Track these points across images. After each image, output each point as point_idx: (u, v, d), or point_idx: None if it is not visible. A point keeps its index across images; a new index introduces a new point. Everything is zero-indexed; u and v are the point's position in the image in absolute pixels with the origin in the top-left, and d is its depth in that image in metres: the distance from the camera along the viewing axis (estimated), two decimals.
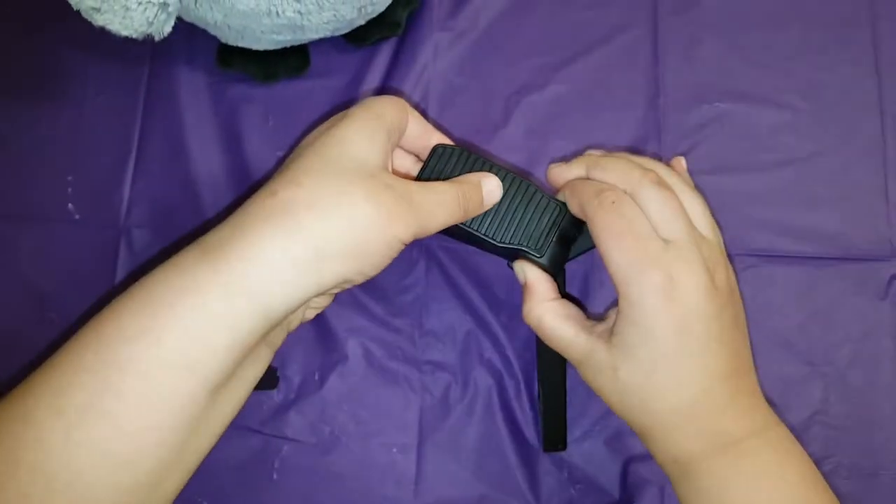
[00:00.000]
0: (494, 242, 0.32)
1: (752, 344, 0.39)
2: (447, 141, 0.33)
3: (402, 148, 0.33)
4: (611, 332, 0.29)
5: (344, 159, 0.26)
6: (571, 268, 0.35)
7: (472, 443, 0.38)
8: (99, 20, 0.30)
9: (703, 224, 0.30)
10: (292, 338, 0.40)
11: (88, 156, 0.43)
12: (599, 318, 0.33)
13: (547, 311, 0.31)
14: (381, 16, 0.41)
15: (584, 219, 0.31)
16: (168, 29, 0.32)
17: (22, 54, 0.44)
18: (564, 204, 0.32)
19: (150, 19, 0.31)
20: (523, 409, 0.39)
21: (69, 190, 0.43)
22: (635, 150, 0.41)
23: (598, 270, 0.40)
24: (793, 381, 0.39)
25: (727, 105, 0.42)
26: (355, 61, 0.43)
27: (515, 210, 0.32)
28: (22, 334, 0.41)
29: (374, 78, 0.43)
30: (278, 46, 0.41)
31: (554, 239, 0.32)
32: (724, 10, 0.43)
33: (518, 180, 0.32)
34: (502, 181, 0.32)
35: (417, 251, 0.40)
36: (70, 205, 0.42)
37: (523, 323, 0.33)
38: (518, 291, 0.39)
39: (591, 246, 0.32)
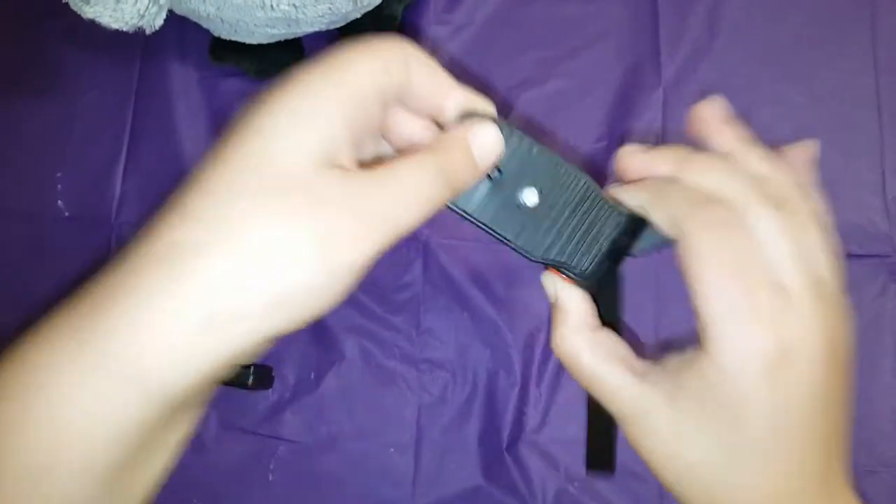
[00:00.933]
0: (528, 257, 0.25)
1: None
2: (470, 97, 0.24)
3: (409, 110, 0.23)
4: (675, 388, 0.22)
5: (262, 166, 0.18)
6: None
7: (470, 441, 0.38)
8: (88, 12, 0.30)
9: (825, 265, 0.23)
10: (287, 337, 0.40)
11: (78, 152, 0.42)
12: (659, 352, 0.24)
13: (585, 345, 0.24)
14: (377, 9, 0.41)
15: (671, 234, 0.23)
16: (159, 22, 0.32)
17: (10, 49, 0.43)
18: (631, 215, 0.25)
19: (142, 12, 0.30)
20: (521, 407, 0.38)
21: (59, 186, 0.42)
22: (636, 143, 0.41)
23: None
24: None
25: (725, 99, 0.42)
26: None
27: (566, 219, 0.24)
28: (9, 333, 0.40)
29: None
30: (272, 40, 0.40)
31: (603, 253, 0.25)
32: (724, 4, 0.43)
33: (575, 179, 0.24)
34: (561, 179, 0.24)
35: (415, 249, 0.40)
36: (60, 201, 0.42)
37: (520, 320, 0.33)
38: (517, 288, 0.39)
39: (660, 244, 0.25)
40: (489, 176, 0.24)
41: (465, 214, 0.24)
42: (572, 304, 0.25)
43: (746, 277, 0.21)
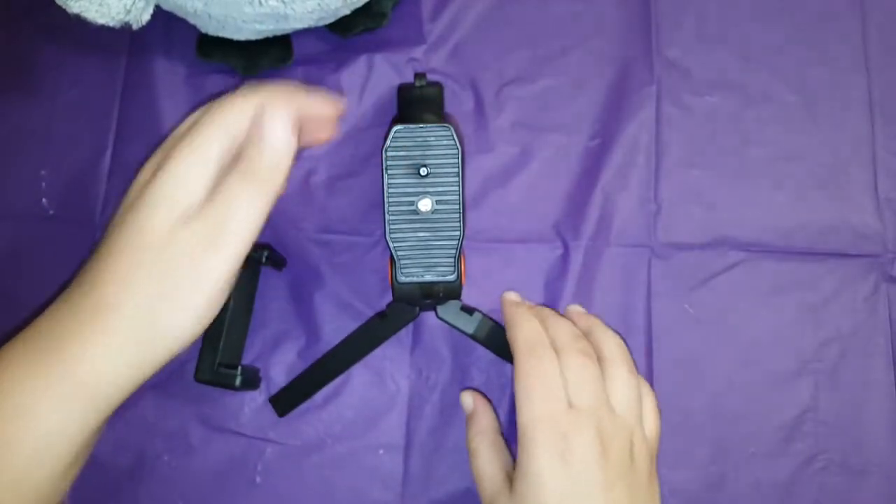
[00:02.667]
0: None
1: (744, 341, 0.39)
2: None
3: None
4: (513, 483, 0.31)
5: (143, 243, 0.26)
6: None
7: (461, 443, 0.38)
8: (74, 7, 0.30)
9: (622, 402, 0.32)
10: (275, 338, 0.40)
11: (63, 150, 0.42)
12: None
13: (484, 442, 0.34)
14: (367, 6, 0.41)
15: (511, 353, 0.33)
16: (146, 17, 0.32)
17: None
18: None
19: (128, 7, 0.30)
20: (511, 409, 0.38)
21: (43, 185, 0.42)
22: (627, 142, 0.41)
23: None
24: (783, 378, 0.39)
25: (717, 98, 0.42)
26: (340, 52, 0.42)
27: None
28: None
29: (358, 69, 0.42)
30: (260, 37, 0.40)
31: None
32: (716, 3, 0.43)
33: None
34: None
35: None
36: (44, 200, 0.41)
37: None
38: (511, 289, 0.40)
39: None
40: None
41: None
42: (482, 413, 0.36)
43: (547, 393, 0.31)
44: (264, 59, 0.42)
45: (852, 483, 0.38)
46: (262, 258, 0.37)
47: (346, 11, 0.40)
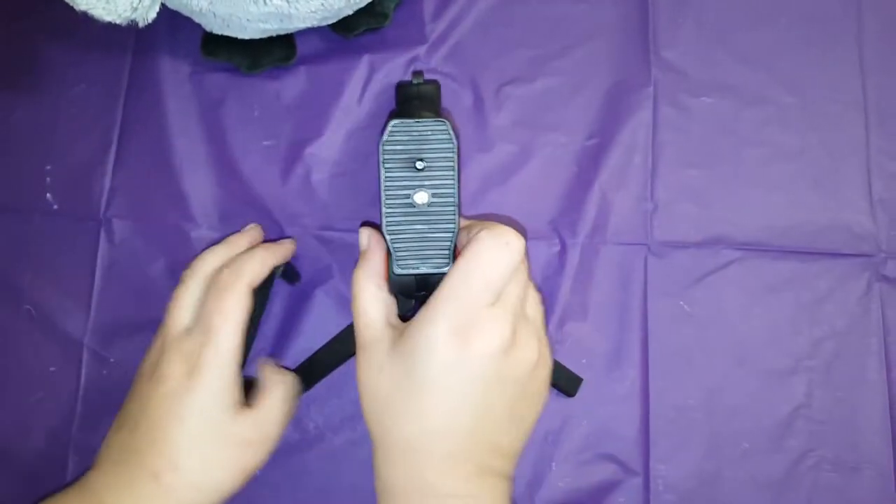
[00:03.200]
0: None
1: (739, 339, 0.40)
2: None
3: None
4: (399, 334, 0.30)
5: (201, 405, 0.32)
6: None
7: None
8: (81, 4, 0.30)
9: (536, 317, 0.32)
10: (278, 332, 0.40)
11: (68, 145, 0.43)
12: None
13: (371, 284, 0.32)
14: (369, 6, 0.42)
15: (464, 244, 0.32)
16: (153, 15, 0.32)
17: (0, 42, 0.44)
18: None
19: (135, 4, 0.31)
20: None
21: (48, 180, 0.42)
22: (624, 142, 0.42)
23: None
24: (777, 375, 0.39)
25: (714, 99, 0.43)
26: (342, 51, 0.43)
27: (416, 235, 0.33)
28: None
29: (360, 68, 0.43)
30: (264, 35, 0.41)
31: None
32: (713, 5, 0.44)
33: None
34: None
35: None
36: (48, 195, 0.42)
37: None
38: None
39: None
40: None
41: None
42: (376, 254, 0.33)
43: (487, 280, 0.29)
44: (268, 57, 0.42)
45: (845, 480, 0.38)
46: (278, 272, 0.38)
47: (349, 11, 0.41)
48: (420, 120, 0.32)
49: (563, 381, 0.38)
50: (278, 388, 0.34)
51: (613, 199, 0.41)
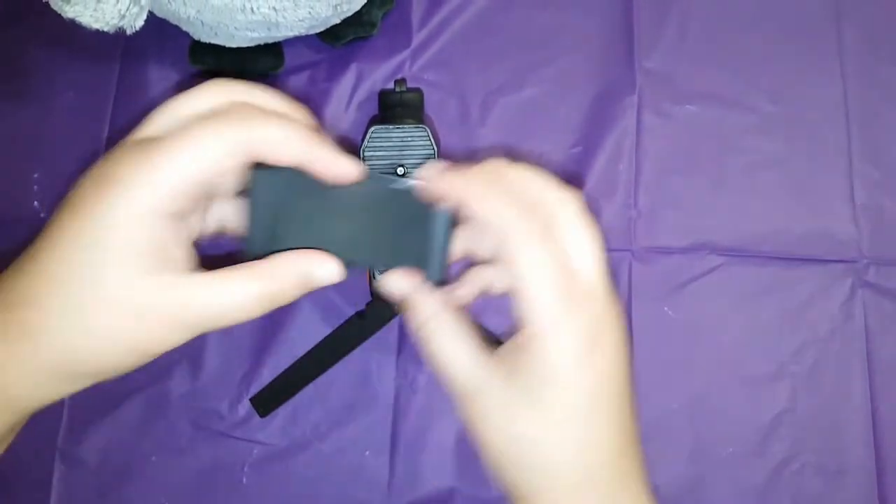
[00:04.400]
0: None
1: (722, 344, 0.40)
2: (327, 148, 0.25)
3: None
4: (510, 370, 0.25)
5: (100, 238, 0.22)
6: None
7: (446, 443, 0.39)
8: (69, 12, 0.31)
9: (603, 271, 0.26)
10: (263, 338, 0.41)
11: (56, 153, 0.43)
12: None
13: (442, 324, 0.26)
14: (357, 15, 0.42)
15: (499, 241, 0.25)
16: (140, 23, 0.33)
17: None
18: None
19: (122, 12, 0.31)
20: None
21: (35, 188, 0.43)
22: (608, 149, 0.43)
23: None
24: (761, 381, 0.40)
25: (697, 107, 0.44)
26: (330, 60, 0.44)
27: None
28: None
29: (348, 77, 0.43)
30: (252, 44, 0.41)
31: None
32: (697, 15, 0.45)
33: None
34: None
35: None
36: (36, 203, 0.42)
37: (496, 321, 0.34)
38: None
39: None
40: None
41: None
42: (422, 291, 0.27)
43: (568, 276, 0.24)
44: (256, 66, 0.43)
45: (828, 484, 0.39)
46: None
47: (337, 20, 0.41)
48: (400, 126, 0.33)
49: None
50: (249, 280, 0.24)
51: (598, 205, 0.42)
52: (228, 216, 0.26)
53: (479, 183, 0.25)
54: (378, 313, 0.35)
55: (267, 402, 0.39)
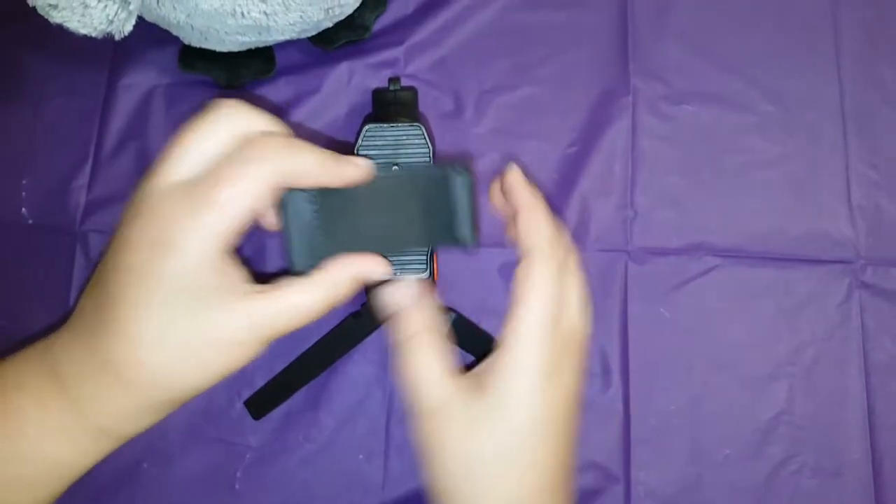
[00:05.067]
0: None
1: (719, 345, 0.40)
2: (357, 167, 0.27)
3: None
4: (476, 388, 0.27)
5: (172, 287, 0.24)
6: None
7: None
8: (56, 17, 0.31)
9: (585, 317, 0.30)
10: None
11: (44, 158, 0.43)
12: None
13: (424, 342, 0.28)
14: (349, 18, 0.42)
15: (520, 251, 0.29)
16: (129, 28, 0.32)
17: None
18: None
19: (111, 17, 0.31)
20: None
21: (23, 194, 0.43)
22: (604, 149, 0.43)
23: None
24: (758, 381, 0.40)
25: (693, 107, 0.44)
26: (322, 64, 0.44)
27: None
28: None
29: (340, 82, 0.44)
30: (243, 48, 0.41)
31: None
32: (693, 14, 0.45)
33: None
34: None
35: None
36: (24, 209, 0.42)
37: (489, 323, 0.34)
38: (492, 294, 0.40)
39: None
40: None
41: None
42: (422, 309, 0.29)
43: (561, 312, 0.27)
44: (247, 71, 0.43)
45: (826, 485, 0.39)
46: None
47: (329, 24, 0.41)
48: (394, 124, 0.33)
49: (478, 346, 0.37)
50: (312, 289, 0.26)
51: (594, 206, 0.42)
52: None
53: (534, 197, 0.30)
54: (373, 315, 0.35)
55: (261, 405, 0.39)
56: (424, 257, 0.33)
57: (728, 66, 0.44)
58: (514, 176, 0.30)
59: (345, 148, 0.35)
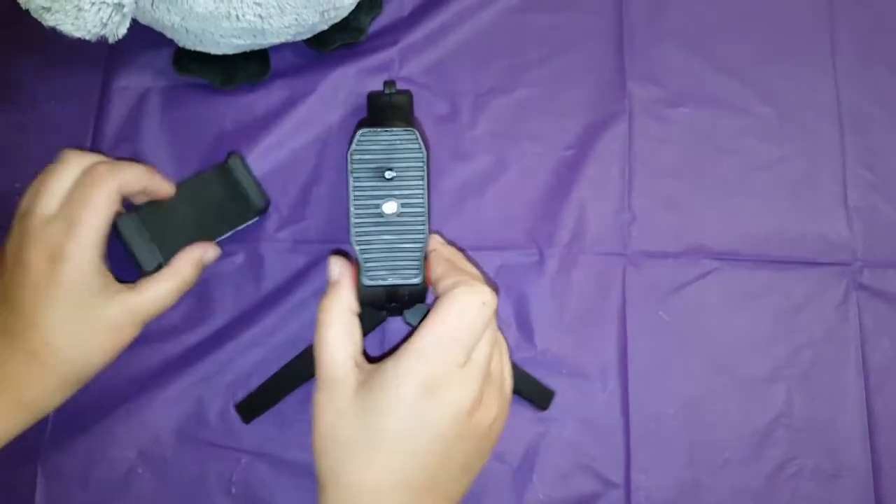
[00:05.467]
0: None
1: (717, 348, 0.40)
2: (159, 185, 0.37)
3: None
4: (367, 379, 0.30)
5: (68, 288, 0.33)
6: None
7: None
8: (49, 20, 0.31)
9: (505, 376, 0.33)
10: (253, 345, 0.40)
11: (38, 162, 0.42)
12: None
13: (340, 319, 0.32)
14: (345, 21, 0.42)
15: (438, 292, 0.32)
16: (123, 31, 0.33)
17: None
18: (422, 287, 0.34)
19: (104, 20, 0.31)
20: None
21: (17, 198, 0.42)
22: (601, 152, 0.43)
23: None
24: (757, 384, 0.40)
25: (690, 109, 0.44)
26: (317, 67, 0.44)
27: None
28: None
29: (336, 83, 0.43)
30: (238, 51, 0.41)
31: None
32: (688, 16, 0.45)
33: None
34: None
35: None
36: None
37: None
38: (517, 303, 0.40)
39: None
40: None
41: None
42: (348, 284, 0.33)
43: (461, 339, 0.30)
44: (241, 73, 0.43)
45: (824, 488, 0.39)
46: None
47: (324, 27, 0.42)
48: (388, 129, 0.33)
49: (536, 396, 0.39)
50: (165, 280, 0.36)
51: (591, 209, 0.42)
52: None
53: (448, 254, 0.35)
54: (365, 318, 0.35)
55: (251, 408, 0.39)
56: (418, 263, 0.33)
57: (724, 68, 0.44)
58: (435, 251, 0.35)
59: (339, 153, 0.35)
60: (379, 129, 0.33)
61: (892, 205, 0.43)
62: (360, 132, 0.33)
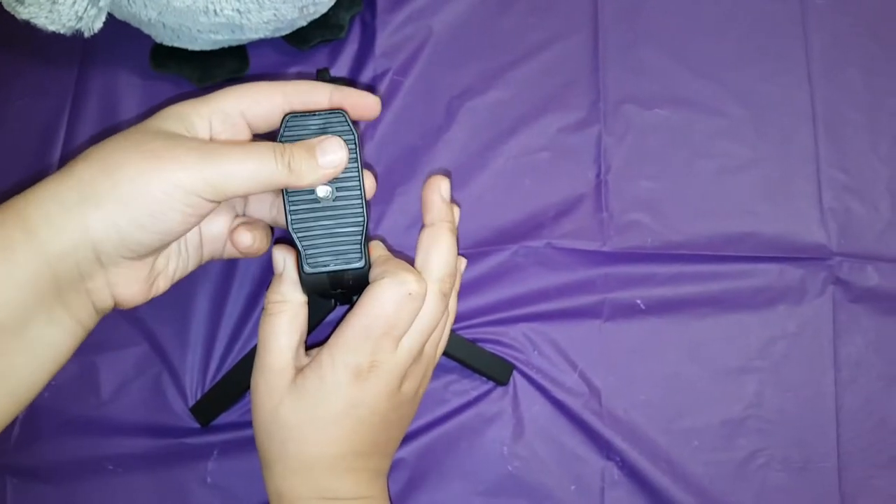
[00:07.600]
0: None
1: (692, 338, 0.41)
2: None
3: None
4: (301, 372, 0.32)
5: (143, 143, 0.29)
6: None
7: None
8: (23, 13, 0.31)
9: (436, 343, 0.35)
10: (230, 336, 0.40)
11: (9, 160, 0.43)
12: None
13: (285, 307, 0.33)
14: (324, 17, 0.43)
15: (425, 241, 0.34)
16: (98, 25, 0.33)
17: None
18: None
19: (80, 14, 0.31)
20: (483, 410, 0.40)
21: None
22: (578, 153, 0.44)
23: None
24: (728, 375, 0.41)
25: (666, 111, 0.45)
26: (296, 63, 0.44)
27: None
28: None
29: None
30: (216, 47, 0.42)
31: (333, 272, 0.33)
32: (664, 19, 0.46)
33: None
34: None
35: None
36: None
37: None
38: (496, 300, 0.41)
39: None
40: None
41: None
42: (291, 275, 0.33)
43: (394, 322, 0.31)
44: (219, 70, 0.43)
45: (793, 479, 0.40)
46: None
47: (304, 23, 0.42)
48: (316, 112, 0.32)
49: (495, 371, 0.40)
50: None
51: (567, 209, 0.43)
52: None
53: (442, 227, 0.34)
54: (313, 308, 0.34)
55: (207, 410, 0.38)
56: (359, 247, 0.32)
57: (699, 71, 0.45)
58: (434, 190, 0.35)
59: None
60: (307, 113, 0.32)
61: (866, 205, 0.44)
62: (287, 117, 0.32)
